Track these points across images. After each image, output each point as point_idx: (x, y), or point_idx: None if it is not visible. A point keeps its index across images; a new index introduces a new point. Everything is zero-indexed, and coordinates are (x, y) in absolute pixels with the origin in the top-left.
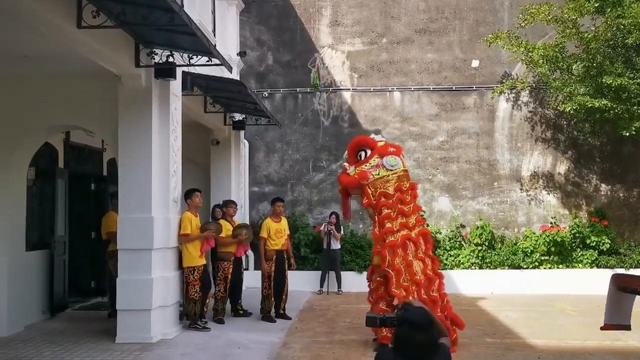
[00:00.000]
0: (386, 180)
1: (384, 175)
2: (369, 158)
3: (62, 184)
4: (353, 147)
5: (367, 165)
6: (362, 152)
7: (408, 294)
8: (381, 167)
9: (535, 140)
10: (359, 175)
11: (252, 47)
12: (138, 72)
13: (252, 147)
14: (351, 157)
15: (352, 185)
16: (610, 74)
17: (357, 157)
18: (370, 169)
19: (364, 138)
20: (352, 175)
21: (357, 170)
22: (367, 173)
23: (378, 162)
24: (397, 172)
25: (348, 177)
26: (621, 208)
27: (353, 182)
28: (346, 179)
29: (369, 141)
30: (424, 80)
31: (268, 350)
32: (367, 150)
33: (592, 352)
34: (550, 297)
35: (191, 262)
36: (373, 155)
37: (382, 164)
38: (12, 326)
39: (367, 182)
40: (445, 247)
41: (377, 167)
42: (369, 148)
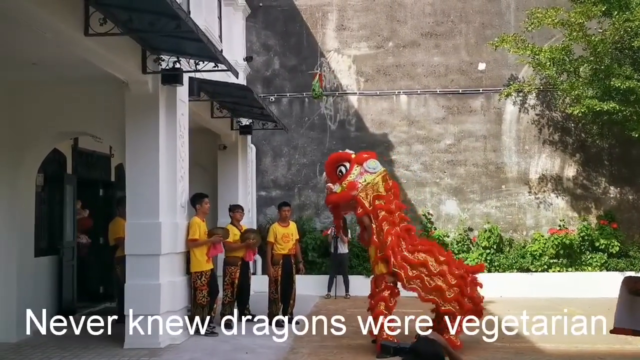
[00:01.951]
0: (375, 183)
1: (371, 179)
2: (350, 169)
3: (71, 190)
4: (330, 165)
5: (351, 176)
6: (342, 167)
7: (423, 282)
8: (365, 173)
9: (543, 143)
10: (348, 187)
11: (259, 52)
12: (145, 79)
13: (259, 152)
14: (332, 176)
15: (344, 200)
16: (618, 76)
17: (337, 174)
18: (356, 178)
19: (337, 154)
20: (341, 190)
21: (344, 184)
22: (355, 183)
23: (361, 170)
24: (380, 173)
25: (337, 194)
26: (630, 210)
27: (344, 196)
28: (336, 196)
29: (343, 155)
30: (430, 83)
31: (275, 355)
32: (345, 164)
33: (601, 356)
34: (560, 301)
35: (199, 267)
36: (352, 165)
37: (365, 170)
38: (21, 331)
39: (357, 191)
40: (453, 251)
41: (362, 175)
42: (346, 161)
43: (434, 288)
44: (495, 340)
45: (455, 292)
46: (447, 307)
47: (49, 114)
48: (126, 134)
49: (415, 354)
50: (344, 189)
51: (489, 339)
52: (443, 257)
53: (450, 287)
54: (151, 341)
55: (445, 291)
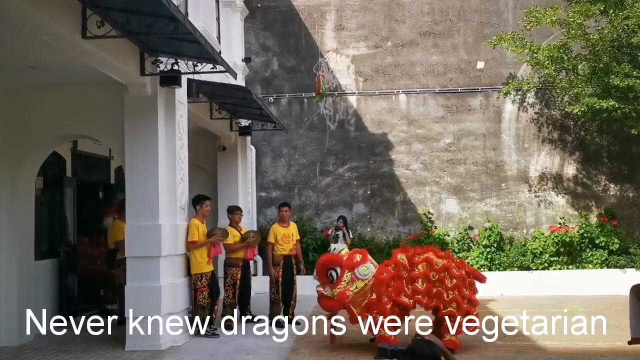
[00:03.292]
0: (366, 291)
1: (362, 287)
2: (341, 277)
3: (71, 193)
4: (321, 269)
5: (342, 284)
6: (333, 272)
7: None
8: (356, 280)
9: (542, 141)
10: (339, 297)
11: (257, 52)
12: (143, 81)
13: (258, 153)
14: (322, 278)
15: (336, 309)
16: (617, 74)
17: (328, 277)
18: (347, 287)
19: (328, 258)
20: (331, 296)
21: (335, 292)
22: (345, 292)
23: (351, 277)
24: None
25: (328, 300)
26: (631, 207)
27: (336, 306)
28: (329, 304)
29: (334, 259)
30: (429, 82)
31: (277, 356)
32: (336, 269)
33: (603, 354)
34: (560, 298)
35: (199, 269)
36: (344, 272)
37: (355, 277)
38: (22, 335)
39: (347, 300)
40: (454, 250)
41: (353, 282)
42: (336, 266)
43: (435, 294)
44: (496, 338)
45: (454, 294)
46: (448, 309)
47: (48, 117)
48: (125, 136)
49: (412, 355)
50: (334, 296)
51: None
52: (442, 261)
53: (448, 290)
54: (152, 343)
55: (443, 294)
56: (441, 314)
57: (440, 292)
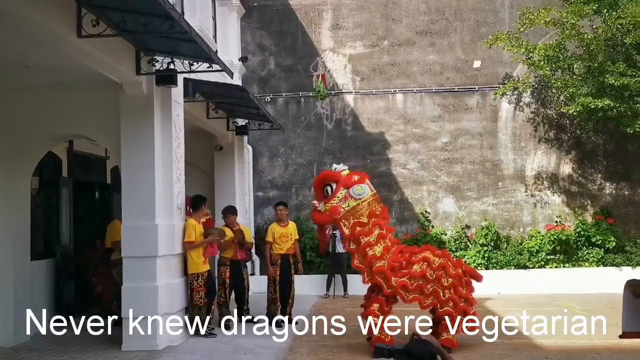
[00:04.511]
0: (357, 210)
1: (354, 205)
2: (336, 192)
3: (67, 193)
4: (318, 183)
5: (335, 199)
6: (328, 187)
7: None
8: (349, 198)
9: (539, 140)
10: (330, 211)
11: (254, 52)
12: (139, 80)
13: (255, 152)
14: (318, 193)
15: (326, 222)
16: (612, 73)
17: (324, 192)
18: (339, 203)
19: (326, 173)
20: (323, 211)
21: (327, 207)
22: (337, 207)
23: (345, 194)
24: (366, 199)
25: (320, 214)
26: (627, 206)
27: (326, 219)
28: (319, 217)
29: (332, 175)
30: (426, 81)
31: (275, 355)
32: (333, 185)
33: (599, 352)
34: (557, 297)
35: (195, 269)
36: (339, 188)
37: (349, 195)
38: (19, 335)
39: (339, 216)
40: (451, 248)
41: (346, 199)
42: (333, 182)
43: (432, 293)
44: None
45: (451, 293)
46: (445, 309)
47: (44, 117)
48: (121, 135)
49: (408, 355)
50: (326, 211)
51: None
52: (439, 260)
53: (445, 289)
54: (149, 343)
55: (440, 292)
56: (438, 313)
57: (436, 290)
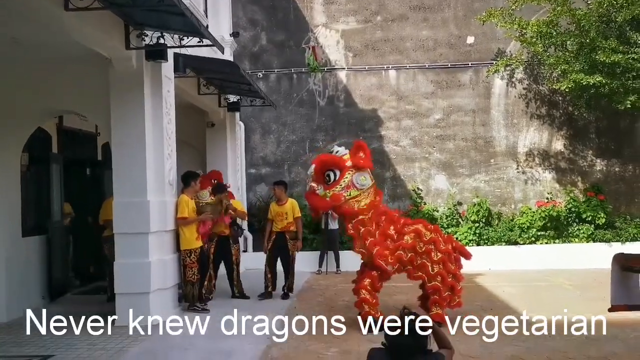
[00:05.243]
0: (359, 200)
1: (356, 195)
2: (340, 179)
3: (57, 169)
4: (320, 167)
5: (338, 187)
6: (331, 173)
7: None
8: (352, 187)
9: (531, 117)
10: (332, 199)
11: (246, 27)
12: (129, 55)
13: (247, 129)
14: (319, 177)
15: (324, 208)
16: (604, 50)
17: (325, 177)
18: (342, 191)
19: (330, 158)
20: (323, 196)
21: (329, 193)
22: (339, 196)
23: (349, 182)
24: (368, 189)
25: (319, 199)
26: (617, 182)
27: (325, 205)
28: (318, 202)
29: (336, 161)
30: (419, 57)
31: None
32: (336, 171)
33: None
34: (547, 272)
35: (188, 245)
36: (343, 175)
37: (352, 184)
38: (12, 311)
39: (339, 204)
40: (443, 225)
41: (348, 188)
42: (337, 169)
43: (420, 266)
44: (484, 311)
45: (439, 268)
46: (433, 283)
47: (32, 93)
48: (111, 111)
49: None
50: (326, 196)
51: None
52: (430, 234)
53: (434, 263)
54: (142, 319)
55: (429, 266)
56: (427, 287)
57: (425, 264)
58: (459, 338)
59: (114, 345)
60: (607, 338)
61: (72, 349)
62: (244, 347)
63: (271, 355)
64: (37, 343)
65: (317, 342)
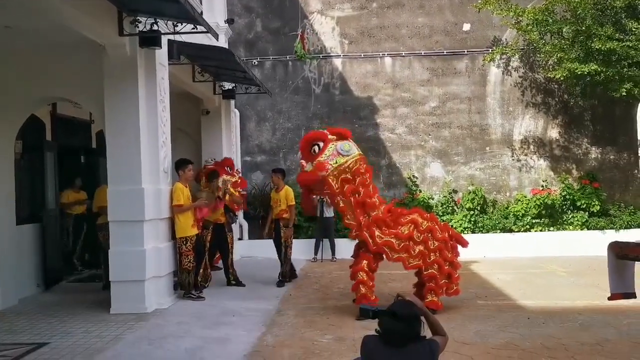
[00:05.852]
0: (345, 167)
1: (342, 162)
2: (323, 149)
3: (51, 157)
4: (304, 144)
5: (322, 156)
6: (315, 147)
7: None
8: (337, 155)
9: (526, 105)
10: (317, 167)
11: (240, 14)
12: (122, 41)
13: (243, 117)
14: (305, 153)
15: (313, 181)
16: (599, 37)
17: (311, 152)
18: (327, 159)
19: (313, 133)
20: (310, 170)
21: (314, 163)
22: (324, 164)
23: (333, 151)
24: (354, 157)
25: (306, 173)
26: (612, 170)
27: (313, 177)
28: (305, 176)
29: (318, 134)
30: (415, 45)
31: (263, 317)
32: (320, 143)
33: (581, 312)
34: (541, 259)
35: (184, 233)
36: (326, 145)
37: (337, 152)
38: (6, 299)
39: (326, 172)
40: (438, 213)
41: (334, 156)
42: (320, 141)
43: (418, 255)
44: (478, 298)
45: (436, 256)
46: (430, 271)
47: (25, 80)
48: (105, 99)
49: (392, 315)
50: (313, 168)
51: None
52: (427, 223)
53: (431, 252)
54: (138, 306)
55: (427, 255)
56: (423, 275)
57: (422, 252)
58: (453, 325)
59: (110, 333)
60: (600, 325)
61: (68, 337)
62: (239, 334)
63: (266, 342)
64: (32, 331)
65: (312, 329)
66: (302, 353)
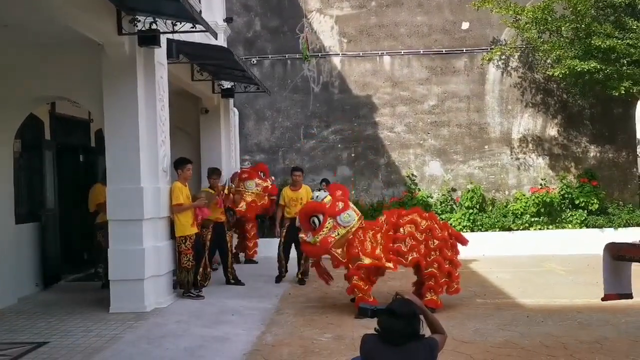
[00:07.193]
0: (347, 238)
1: (343, 233)
2: (323, 223)
3: (50, 156)
4: (304, 217)
5: (324, 231)
6: (315, 219)
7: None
8: (338, 227)
9: (525, 104)
10: (321, 244)
11: (239, 12)
12: (121, 40)
13: (242, 115)
14: (305, 224)
15: (318, 255)
16: (599, 35)
17: (311, 224)
18: (328, 234)
19: (311, 205)
20: (314, 243)
21: (318, 239)
22: (327, 239)
23: (334, 224)
24: (355, 225)
25: (313, 247)
26: (610, 168)
27: (318, 251)
28: (310, 249)
29: (317, 207)
30: (413, 43)
31: (262, 316)
32: (319, 215)
33: (579, 310)
34: (540, 258)
35: (183, 232)
36: (326, 218)
37: (338, 224)
38: (5, 299)
39: (330, 246)
40: (437, 211)
41: (335, 229)
42: (319, 213)
43: (418, 253)
44: (477, 297)
45: (436, 255)
46: (430, 270)
47: (24, 79)
48: (104, 97)
49: (391, 314)
50: (316, 242)
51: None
52: (426, 222)
53: (431, 251)
54: (137, 305)
55: (427, 255)
56: (423, 274)
57: (423, 251)
58: (452, 323)
59: (109, 332)
60: (599, 323)
61: (67, 336)
62: (238, 333)
63: (265, 341)
64: (32, 330)
65: (311, 328)
66: (301, 352)
